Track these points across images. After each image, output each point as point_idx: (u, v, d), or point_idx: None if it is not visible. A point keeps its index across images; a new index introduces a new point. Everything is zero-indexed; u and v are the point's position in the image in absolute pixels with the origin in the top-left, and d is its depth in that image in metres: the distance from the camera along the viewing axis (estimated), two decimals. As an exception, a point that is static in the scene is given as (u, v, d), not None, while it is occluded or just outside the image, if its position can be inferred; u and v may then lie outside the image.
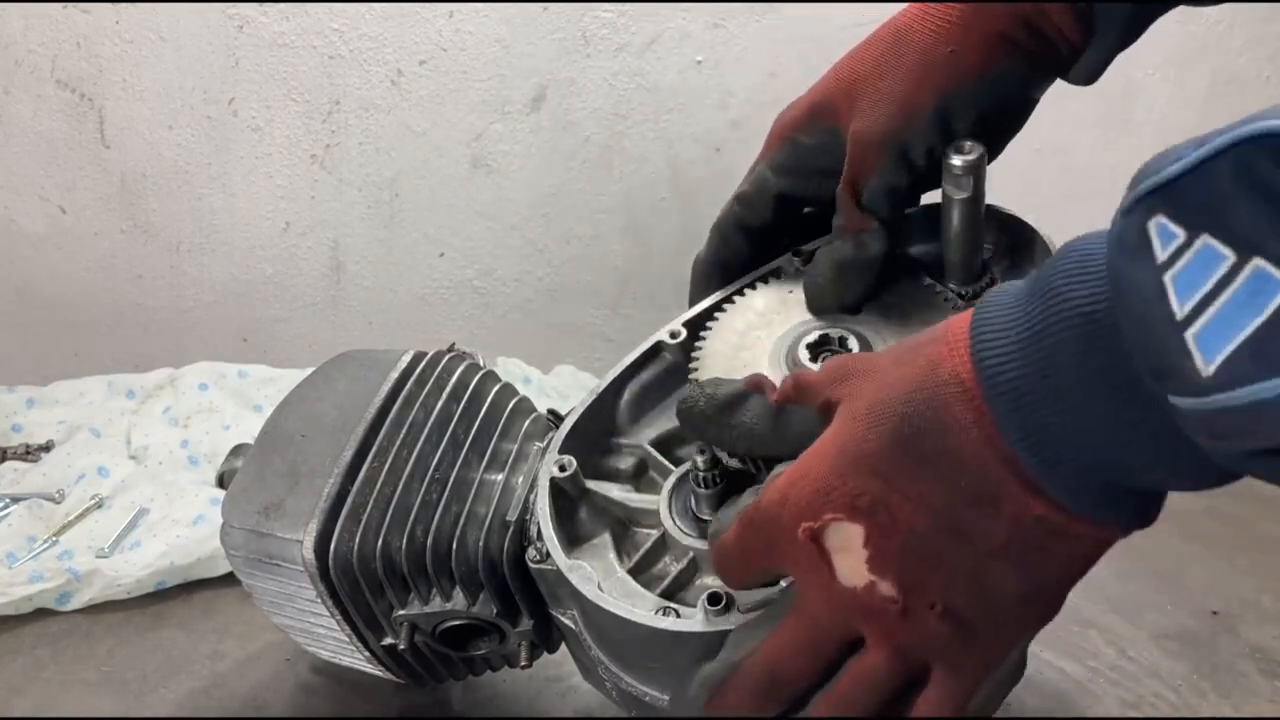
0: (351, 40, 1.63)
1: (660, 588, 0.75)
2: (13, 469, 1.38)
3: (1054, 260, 0.49)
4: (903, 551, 0.53)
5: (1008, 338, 0.49)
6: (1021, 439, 0.49)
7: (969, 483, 0.51)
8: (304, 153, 1.70)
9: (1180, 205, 0.41)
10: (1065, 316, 0.47)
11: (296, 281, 1.80)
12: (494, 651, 0.87)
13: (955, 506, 0.52)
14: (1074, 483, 0.49)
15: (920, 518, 0.53)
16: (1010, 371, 0.49)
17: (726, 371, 0.78)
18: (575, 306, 1.87)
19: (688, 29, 1.66)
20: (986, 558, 0.52)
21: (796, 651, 0.60)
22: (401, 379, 0.87)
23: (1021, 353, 0.49)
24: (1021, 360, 0.49)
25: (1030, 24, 0.71)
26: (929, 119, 0.71)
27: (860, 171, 0.74)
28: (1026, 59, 0.72)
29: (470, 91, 1.68)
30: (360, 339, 1.83)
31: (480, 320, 1.86)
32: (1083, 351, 0.47)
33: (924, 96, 0.71)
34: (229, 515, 0.83)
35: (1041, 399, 0.48)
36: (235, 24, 1.60)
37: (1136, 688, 1.02)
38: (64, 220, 1.70)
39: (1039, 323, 0.48)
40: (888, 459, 0.53)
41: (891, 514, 0.53)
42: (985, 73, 0.71)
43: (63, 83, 1.61)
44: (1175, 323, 0.41)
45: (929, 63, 0.71)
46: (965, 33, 0.71)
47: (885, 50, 0.74)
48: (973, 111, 0.72)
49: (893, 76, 0.72)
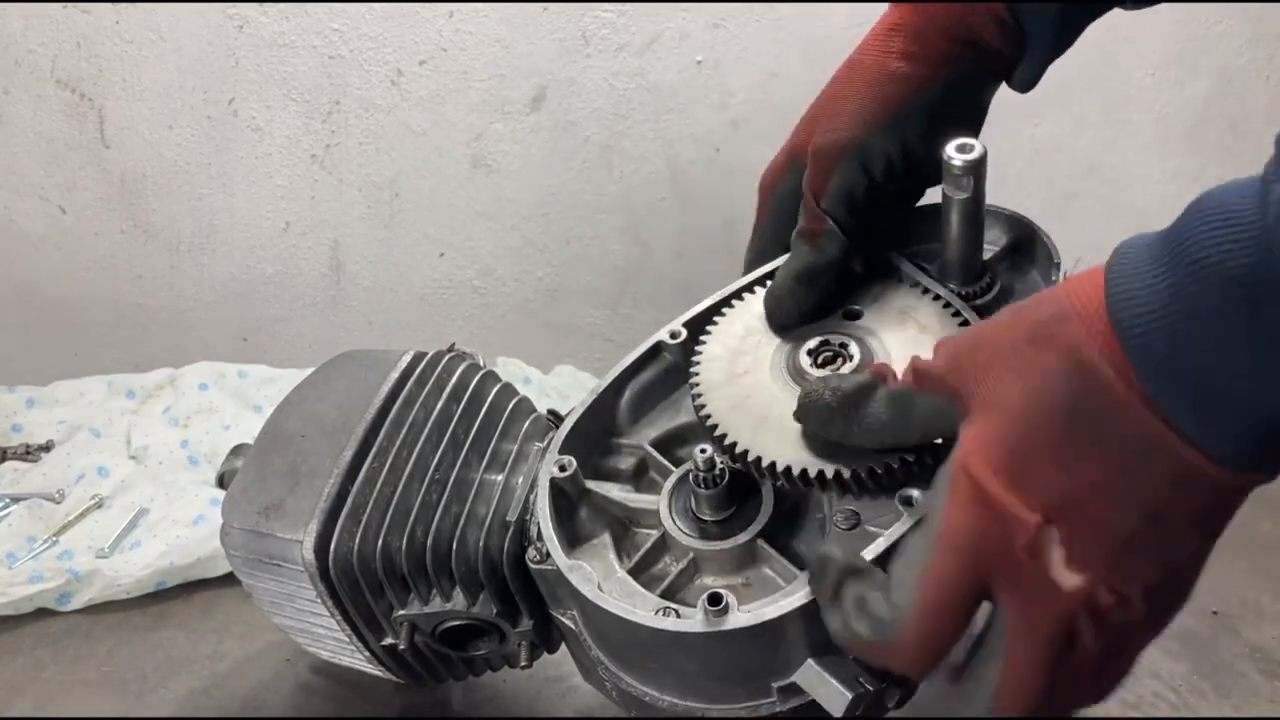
0: (351, 40, 1.63)
1: (660, 588, 0.74)
2: (13, 469, 1.38)
3: (1192, 220, 0.48)
4: (1103, 544, 0.53)
5: (1151, 309, 0.48)
6: (1180, 408, 0.49)
7: (1146, 464, 0.51)
8: (304, 153, 1.70)
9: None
10: (1215, 283, 0.46)
11: (296, 281, 1.80)
12: (494, 652, 0.87)
13: (1136, 487, 0.52)
14: (1234, 441, 0.49)
15: (1109, 505, 0.52)
16: (1161, 346, 0.48)
17: (727, 376, 0.78)
18: (575, 306, 1.87)
19: (688, 29, 1.66)
20: (1175, 533, 0.53)
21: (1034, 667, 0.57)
22: (401, 379, 0.87)
23: (1169, 326, 0.48)
24: (1169, 335, 0.48)
25: (968, 40, 0.76)
26: (882, 128, 0.77)
27: (819, 179, 0.79)
28: (970, 69, 0.77)
29: (470, 91, 1.68)
30: (360, 339, 1.83)
31: (480, 320, 1.86)
32: (1234, 315, 0.46)
33: (876, 108, 0.77)
34: (229, 515, 0.83)
35: (1197, 367, 0.48)
36: (235, 24, 1.60)
37: (1136, 688, 1.02)
38: (64, 220, 1.70)
39: (1186, 291, 0.47)
40: (1065, 452, 0.52)
41: (1082, 507, 0.53)
42: (933, 84, 0.77)
43: (63, 83, 1.61)
44: None
45: (880, 80, 0.77)
46: (911, 52, 0.77)
47: (840, 81, 0.80)
48: (925, 119, 0.77)
49: (847, 97, 0.78)
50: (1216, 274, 0.46)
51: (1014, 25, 0.76)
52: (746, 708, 0.73)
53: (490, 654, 0.87)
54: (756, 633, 0.66)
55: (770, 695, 0.71)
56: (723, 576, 0.75)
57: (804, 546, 0.75)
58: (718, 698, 0.73)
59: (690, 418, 0.82)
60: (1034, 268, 0.84)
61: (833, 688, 0.67)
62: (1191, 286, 0.47)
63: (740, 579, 0.75)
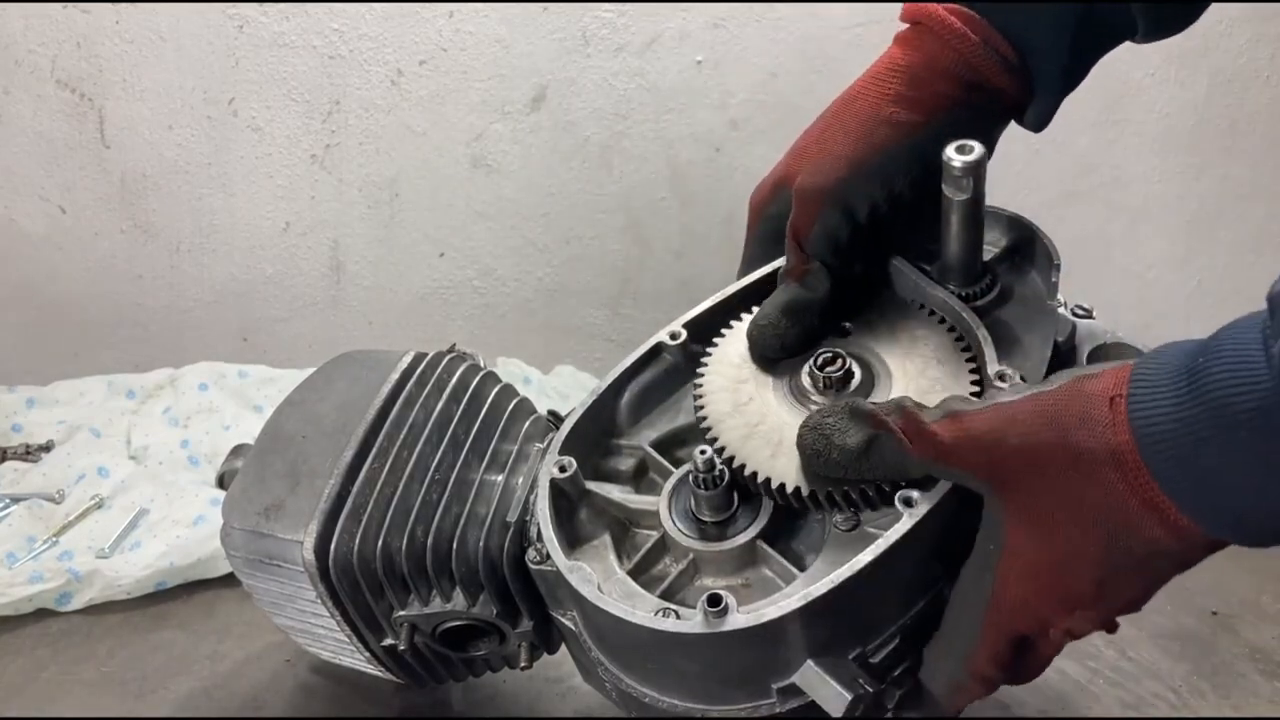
0: (351, 40, 1.63)
1: (660, 589, 0.74)
2: (13, 469, 1.38)
3: (1212, 361, 0.52)
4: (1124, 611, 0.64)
5: (1180, 453, 0.53)
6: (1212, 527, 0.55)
7: (1169, 565, 0.59)
8: (304, 153, 1.70)
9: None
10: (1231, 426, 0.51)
11: (296, 281, 1.80)
12: (494, 652, 0.87)
13: (1160, 580, 0.61)
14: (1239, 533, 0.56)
15: (1137, 593, 0.62)
16: (1188, 489, 0.54)
17: (733, 407, 0.78)
18: (575, 306, 1.87)
19: (688, 29, 1.66)
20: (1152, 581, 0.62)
21: None
22: (402, 380, 0.87)
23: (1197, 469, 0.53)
24: (1196, 478, 0.53)
25: (971, 83, 0.75)
26: (869, 174, 0.76)
27: (803, 220, 0.78)
28: (970, 113, 0.76)
29: (470, 91, 1.68)
30: (360, 339, 1.83)
31: (480, 320, 1.86)
32: (1253, 453, 0.50)
33: (865, 153, 0.76)
34: (229, 516, 0.83)
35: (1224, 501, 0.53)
36: (235, 24, 1.60)
37: (1136, 688, 1.02)
38: (64, 220, 1.70)
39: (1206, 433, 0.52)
40: (1104, 572, 0.60)
41: (1114, 599, 0.62)
42: (927, 129, 0.75)
43: (63, 83, 1.61)
44: None
45: (873, 123, 0.76)
46: (906, 97, 0.76)
47: (833, 116, 0.79)
48: (916, 165, 0.76)
49: (836, 138, 0.77)
50: (1231, 416, 0.51)
51: (1021, 67, 0.75)
52: (746, 709, 0.73)
53: (490, 655, 0.87)
54: (756, 634, 0.66)
55: (770, 696, 0.71)
56: (722, 577, 0.75)
57: (803, 547, 0.75)
58: (717, 698, 0.73)
59: (689, 419, 0.83)
60: (1034, 268, 0.84)
61: (832, 689, 0.67)
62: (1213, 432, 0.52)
63: (740, 580, 0.75)
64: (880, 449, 0.67)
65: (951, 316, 0.80)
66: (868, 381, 0.77)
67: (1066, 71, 0.76)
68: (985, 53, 0.74)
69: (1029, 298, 0.83)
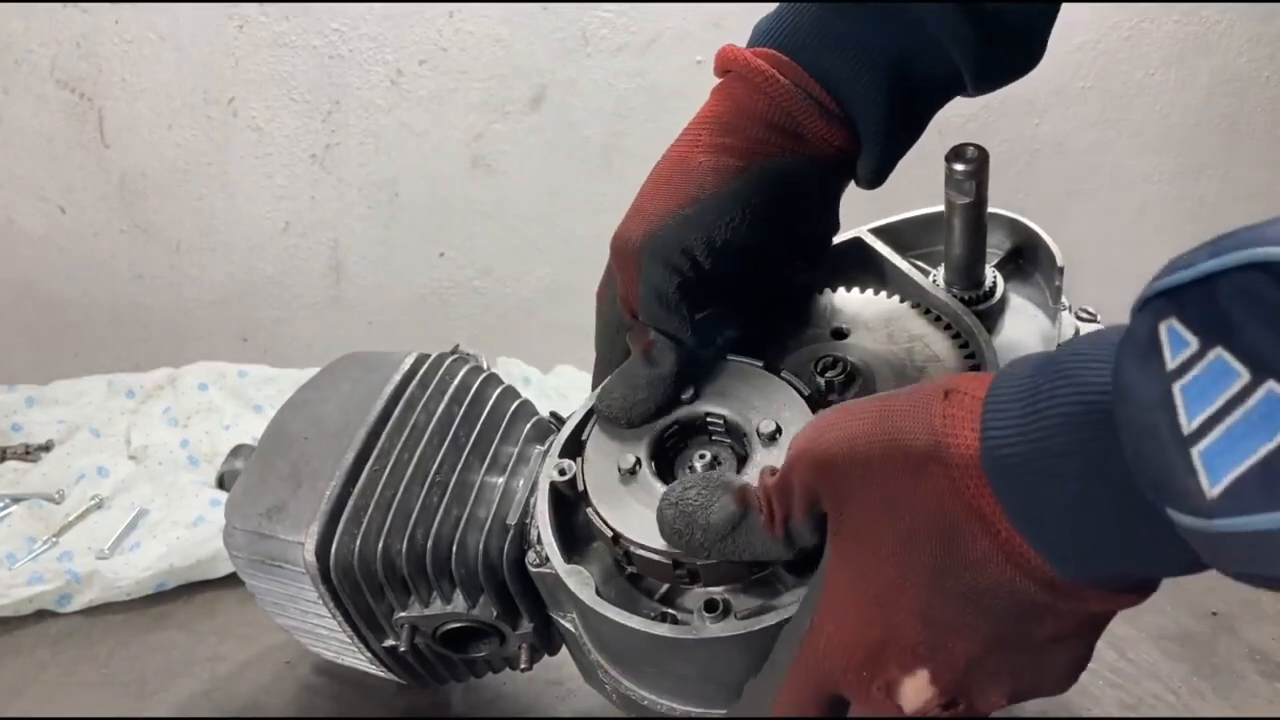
0: (351, 40, 1.63)
1: (658, 593, 0.74)
2: (13, 469, 1.38)
3: (1065, 356, 0.48)
4: (966, 675, 0.55)
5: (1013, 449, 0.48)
6: (1047, 553, 0.49)
7: (1011, 605, 0.51)
8: (304, 153, 1.70)
9: (1191, 313, 0.40)
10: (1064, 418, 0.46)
11: (296, 281, 1.80)
12: (495, 654, 0.87)
13: (1003, 628, 0.52)
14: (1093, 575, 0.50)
15: (975, 645, 0.54)
16: (1025, 491, 0.48)
17: None
18: (575, 306, 1.86)
19: (688, 29, 1.66)
20: (1040, 651, 0.54)
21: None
22: (404, 382, 0.87)
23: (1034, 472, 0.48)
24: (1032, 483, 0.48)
25: (788, 130, 0.72)
26: (681, 224, 0.71)
27: (626, 286, 0.74)
28: (798, 160, 0.73)
29: (470, 91, 1.68)
30: (360, 339, 1.83)
31: (480, 320, 1.86)
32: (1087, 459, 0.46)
33: (675, 205, 0.72)
34: (232, 517, 0.83)
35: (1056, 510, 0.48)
36: (235, 24, 1.60)
37: (1136, 689, 1.02)
38: (64, 220, 1.70)
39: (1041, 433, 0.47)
40: (932, 604, 0.53)
41: (949, 650, 0.54)
42: (746, 177, 0.72)
43: (63, 83, 1.61)
44: (1182, 437, 0.39)
45: (682, 174, 0.73)
46: (719, 143, 0.73)
47: (648, 181, 0.75)
48: (738, 211, 0.71)
49: (647, 197, 0.74)
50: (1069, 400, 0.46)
51: (842, 115, 0.72)
52: (746, 712, 0.73)
53: (491, 656, 0.87)
54: (753, 638, 0.66)
55: (770, 699, 0.71)
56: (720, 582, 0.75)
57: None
58: (716, 702, 0.73)
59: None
60: (1037, 271, 0.85)
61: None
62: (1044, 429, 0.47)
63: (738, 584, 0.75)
64: (744, 526, 0.62)
65: (954, 320, 0.80)
66: (868, 386, 0.77)
67: (889, 122, 0.71)
68: (798, 96, 0.71)
69: (1032, 302, 0.83)
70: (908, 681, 0.55)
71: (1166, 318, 0.41)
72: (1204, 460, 0.39)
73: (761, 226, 0.72)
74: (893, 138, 0.73)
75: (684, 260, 0.72)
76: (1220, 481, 0.38)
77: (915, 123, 0.74)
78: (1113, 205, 1.87)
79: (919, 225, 0.87)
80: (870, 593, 0.55)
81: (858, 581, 0.56)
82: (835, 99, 0.71)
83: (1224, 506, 0.38)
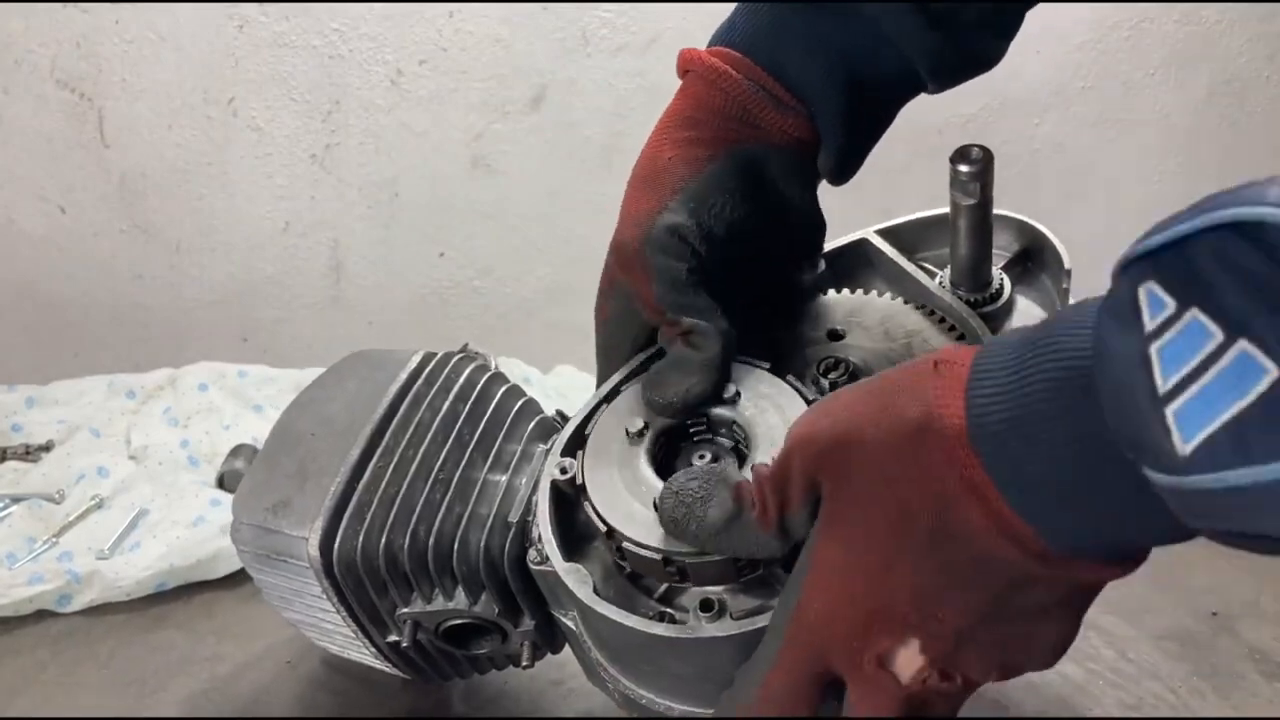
0: (351, 40, 1.63)
1: (657, 592, 0.75)
2: (13, 469, 1.37)
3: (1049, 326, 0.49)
4: (958, 646, 0.55)
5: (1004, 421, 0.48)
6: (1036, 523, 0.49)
7: (1001, 575, 0.52)
8: (304, 153, 1.70)
9: (1169, 275, 0.40)
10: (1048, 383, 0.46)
11: (296, 281, 1.80)
12: (497, 650, 0.87)
13: (993, 599, 0.53)
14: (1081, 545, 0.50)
15: (964, 616, 0.54)
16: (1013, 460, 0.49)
17: None
18: (575, 306, 1.86)
19: (688, 29, 1.66)
20: (1029, 623, 0.54)
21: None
22: (410, 379, 0.87)
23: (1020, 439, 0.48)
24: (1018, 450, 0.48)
25: (747, 122, 0.74)
26: (669, 213, 0.72)
27: (640, 288, 0.75)
28: (766, 150, 0.74)
29: (470, 91, 1.68)
30: (360, 339, 1.82)
31: (480, 320, 1.86)
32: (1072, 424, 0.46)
33: (655, 200, 0.73)
34: (239, 512, 0.84)
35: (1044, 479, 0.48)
36: (235, 24, 1.60)
37: (1136, 689, 1.02)
38: (64, 220, 1.71)
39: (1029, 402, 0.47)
40: (923, 576, 0.54)
41: (939, 621, 0.54)
42: (713, 162, 0.73)
43: (63, 83, 1.61)
44: (1157, 397, 0.40)
45: (662, 170, 0.74)
46: (685, 136, 0.75)
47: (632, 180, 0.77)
48: (718, 195, 0.73)
49: (629, 201, 0.75)
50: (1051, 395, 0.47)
51: (797, 107, 0.73)
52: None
53: (493, 653, 0.87)
54: (749, 638, 0.66)
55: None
56: None
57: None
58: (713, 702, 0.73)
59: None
60: (1045, 273, 0.84)
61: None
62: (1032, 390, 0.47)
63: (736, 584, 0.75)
64: (740, 523, 0.62)
65: (960, 324, 0.80)
66: None
67: (846, 114, 0.72)
68: (752, 90, 0.73)
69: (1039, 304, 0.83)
70: (901, 651, 0.56)
71: (1146, 280, 0.41)
72: (1177, 419, 0.39)
73: (746, 211, 0.73)
74: (853, 131, 0.74)
75: (684, 248, 0.73)
76: (1193, 439, 0.39)
77: (876, 117, 0.75)
78: (1113, 205, 1.87)
79: (924, 227, 0.87)
80: (862, 564, 0.56)
81: (849, 555, 0.57)
82: (791, 92, 0.73)
83: (1197, 463, 0.39)
